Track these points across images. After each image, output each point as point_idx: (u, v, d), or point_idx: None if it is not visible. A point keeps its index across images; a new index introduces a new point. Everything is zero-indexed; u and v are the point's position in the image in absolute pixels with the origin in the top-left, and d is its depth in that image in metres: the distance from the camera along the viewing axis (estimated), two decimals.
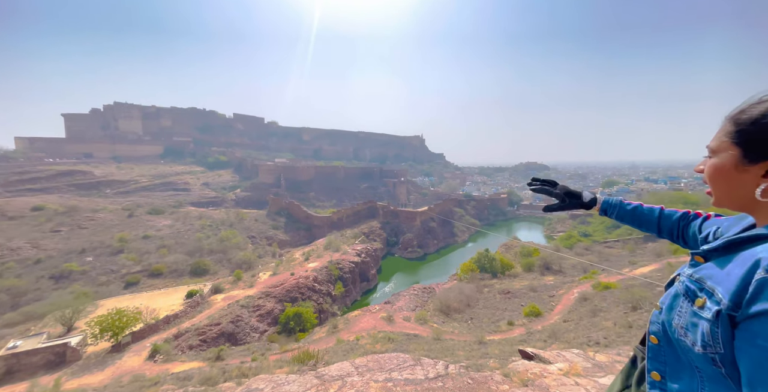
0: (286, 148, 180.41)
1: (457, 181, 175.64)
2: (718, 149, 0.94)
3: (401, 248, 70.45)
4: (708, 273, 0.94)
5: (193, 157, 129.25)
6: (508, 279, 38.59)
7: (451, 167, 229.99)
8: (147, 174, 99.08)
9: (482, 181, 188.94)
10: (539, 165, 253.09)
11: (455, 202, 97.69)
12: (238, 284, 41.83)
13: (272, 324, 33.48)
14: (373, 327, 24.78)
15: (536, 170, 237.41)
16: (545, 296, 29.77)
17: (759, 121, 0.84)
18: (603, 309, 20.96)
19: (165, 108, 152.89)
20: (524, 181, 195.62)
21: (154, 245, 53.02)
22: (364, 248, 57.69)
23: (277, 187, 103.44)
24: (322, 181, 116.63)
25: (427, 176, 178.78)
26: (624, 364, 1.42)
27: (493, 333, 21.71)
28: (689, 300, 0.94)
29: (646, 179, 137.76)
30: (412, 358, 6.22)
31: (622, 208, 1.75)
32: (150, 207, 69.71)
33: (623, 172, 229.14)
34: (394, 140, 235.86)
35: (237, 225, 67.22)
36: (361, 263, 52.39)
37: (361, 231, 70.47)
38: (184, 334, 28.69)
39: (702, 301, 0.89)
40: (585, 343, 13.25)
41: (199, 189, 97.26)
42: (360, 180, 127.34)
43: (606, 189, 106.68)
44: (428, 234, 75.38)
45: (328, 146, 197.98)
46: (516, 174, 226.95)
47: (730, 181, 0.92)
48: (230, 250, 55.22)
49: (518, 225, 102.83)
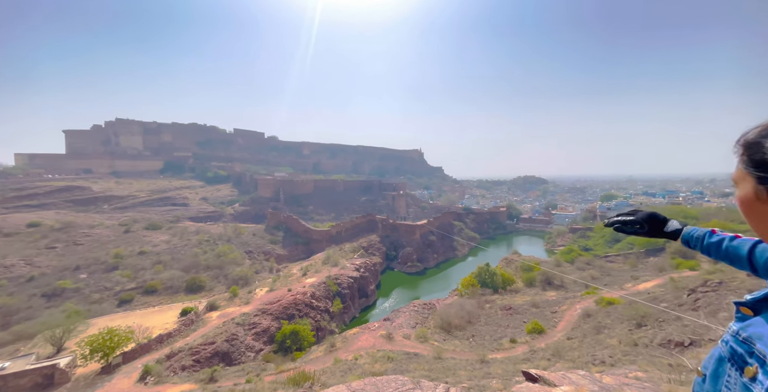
0: (285, 162, 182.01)
1: (456, 194, 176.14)
2: (738, 179, 0.84)
3: (401, 262, 69.56)
4: (757, 332, 0.75)
5: (192, 172, 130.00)
6: (509, 295, 37.95)
7: (449, 180, 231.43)
8: (146, 189, 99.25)
9: (481, 194, 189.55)
10: (537, 178, 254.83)
11: (454, 215, 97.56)
12: (234, 301, 40.93)
13: (268, 343, 32.47)
14: (372, 346, 24.06)
15: (534, 184, 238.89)
16: (548, 312, 29.20)
17: (766, 144, 0.74)
18: (607, 325, 20.52)
19: (166, 123, 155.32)
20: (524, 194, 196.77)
21: (150, 261, 52.26)
22: (363, 263, 56.96)
23: (275, 201, 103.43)
24: (321, 194, 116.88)
25: (426, 189, 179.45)
26: (631, 387, 1.34)
27: (495, 351, 21.09)
28: (737, 368, 0.75)
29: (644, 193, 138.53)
30: (411, 381, 6.03)
31: (706, 241, 1.46)
32: (147, 222, 69.27)
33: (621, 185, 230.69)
34: (393, 154, 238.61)
35: (234, 240, 66.61)
36: (360, 278, 51.55)
37: (360, 245, 69.83)
38: (177, 354, 27.74)
39: (753, 371, 0.70)
40: (590, 362, 12.87)
41: (198, 203, 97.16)
42: (359, 193, 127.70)
43: (605, 202, 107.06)
44: (428, 248, 74.69)
45: (327, 160, 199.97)
46: (514, 187, 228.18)
47: (760, 213, 0.80)
48: (227, 266, 54.42)
49: (518, 238, 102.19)
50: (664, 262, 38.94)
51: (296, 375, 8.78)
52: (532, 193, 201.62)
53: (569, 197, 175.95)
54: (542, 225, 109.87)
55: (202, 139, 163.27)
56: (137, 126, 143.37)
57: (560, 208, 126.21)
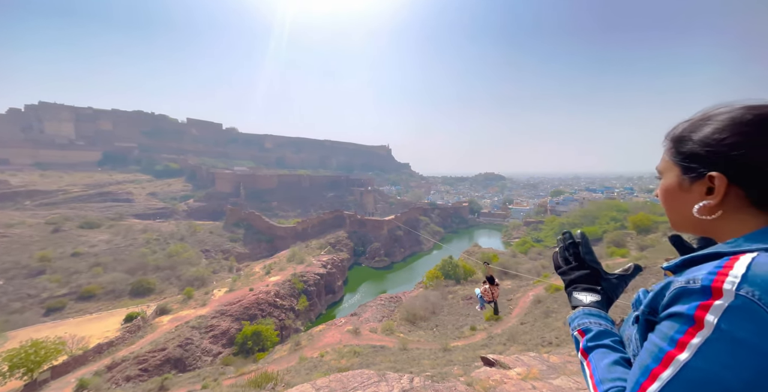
0: (246, 156, 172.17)
1: (423, 190, 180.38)
2: (663, 169, 0.90)
3: (368, 257, 69.85)
4: (655, 287, 0.88)
5: (138, 165, 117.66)
6: (470, 285, 39.93)
7: (416, 177, 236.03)
8: (80, 183, 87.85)
9: (446, 190, 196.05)
10: (496, 175, 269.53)
11: (421, 211, 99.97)
12: (189, 303, 38.18)
13: (228, 346, 30.87)
14: (339, 342, 23.96)
15: (494, 180, 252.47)
16: (504, 300, 31.23)
17: (692, 137, 0.81)
18: (554, 310, 22.50)
19: (104, 110, 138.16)
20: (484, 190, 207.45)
21: (86, 264, 46.63)
22: (330, 259, 56.23)
23: (235, 197, 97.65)
24: (286, 190, 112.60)
25: (393, 185, 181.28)
26: (573, 363, 1.35)
27: (457, 339, 22.15)
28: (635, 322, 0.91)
29: (587, 189, 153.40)
30: (377, 374, 6.09)
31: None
32: (82, 220, 61.55)
33: (568, 182, 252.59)
34: (362, 149, 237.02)
35: (189, 238, 61.88)
36: (327, 275, 50.90)
37: (327, 241, 68.76)
38: (121, 364, 25.25)
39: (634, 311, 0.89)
40: (540, 344, 14.05)
41: (145, 199, 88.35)
42: (327, 189, 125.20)
43: (554, 197, 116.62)
44: (395, 242, 75.84)
45: (292, 154, 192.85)
46: (476, 183, 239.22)
47: (679, 202, 0.86)
48: (180, 266, 50.43)
49: (479, 232, 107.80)
50: (602, 251, 43.54)
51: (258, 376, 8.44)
52: (491, 188, 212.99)
53: (524, 193, 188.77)
54: (500, 219, 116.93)
55: (149, 128, 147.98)
56: (67, 111, 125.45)
57: (516, 203, 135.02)
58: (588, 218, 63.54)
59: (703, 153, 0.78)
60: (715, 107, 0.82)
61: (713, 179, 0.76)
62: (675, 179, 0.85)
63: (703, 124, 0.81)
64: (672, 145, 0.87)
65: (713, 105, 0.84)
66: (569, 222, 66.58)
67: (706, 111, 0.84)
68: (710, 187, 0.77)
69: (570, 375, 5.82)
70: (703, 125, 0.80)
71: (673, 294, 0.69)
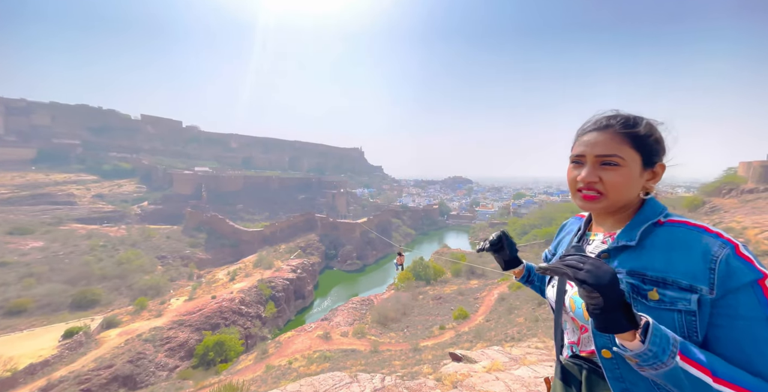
0: (209, 156, 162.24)
1: (395, 193, 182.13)
2: (626, 158, 1.01)
3: (340, 261, 68.95)
4: (638, 265, 0.95)
5: (82, 164, 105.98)
6: (440, 285, 40.99)
7: (389, 179, 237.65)
8: (9, 183, 77.31)
9: (417, 193, 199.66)
10: (464, 179, 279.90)
11: (393, 213, 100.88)
12: (141, 314, 35.02)
13: (186, 358, 28.78)
14: (309, 348, 23.37)
15: (462, 183, 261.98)
16: (471, 299, 32.47)
17: (650, 136, 1.02)
18: (516, 307, 23.83)
19: (41, 102, 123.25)
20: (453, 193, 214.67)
21: (16, 274, 41.02)
22: (300, 263, 54.70)
23: (196, 199, 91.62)
24: (252, 192, 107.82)
25: (366, 188, 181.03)
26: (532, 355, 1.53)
27: (426, 339, 22.61)
28: (637, 298, 0.92)
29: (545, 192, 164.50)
30: (349, 375, 6.11)
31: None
32: (11, 225, 54.21)
33: (528, 185, 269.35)
34: (333, 151, 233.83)
35: (142, 244, 56.95)
36: (297, 279, 49.43)
37: (297, 245, 66.82)
38: (58, 385, 22.51)
39: (655, 294, 0.88)
40: (503, 340, 14.83)
41: (90, 201, 79.95)
42: (297, 191, 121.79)
43: (516, 200, 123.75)
44: (368, 245, 75.67)
45: (260, 155, 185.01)
46: (445, 186, 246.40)
47: (635, 185, 1.02)
48: (131, 275, 46.16)
49: (448, 233, 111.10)
50: None
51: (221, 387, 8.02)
52: (459, 191, 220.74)
53: (489, 196, 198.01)
54: (467, 220, 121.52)
55: (96, 124, 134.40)
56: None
57: (482, 206, 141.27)
58: (546, 219, 68.24)
59: (658, 148, 1.04)
60: (635, 114, 1.07)
61: (660, 167, 1.05)
62: (637, 168, 1.01)
63: (651, 127, 1.03)
64: (636, 140, 1.02)
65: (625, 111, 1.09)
66: (530, 223, 70.92)
67: (637, 116, 1.06)
68: (656, 171, 1.04)
69: (529, 365, 6.27)
70: (652, 127, 1.03)
71: (726, 264, 0.80)
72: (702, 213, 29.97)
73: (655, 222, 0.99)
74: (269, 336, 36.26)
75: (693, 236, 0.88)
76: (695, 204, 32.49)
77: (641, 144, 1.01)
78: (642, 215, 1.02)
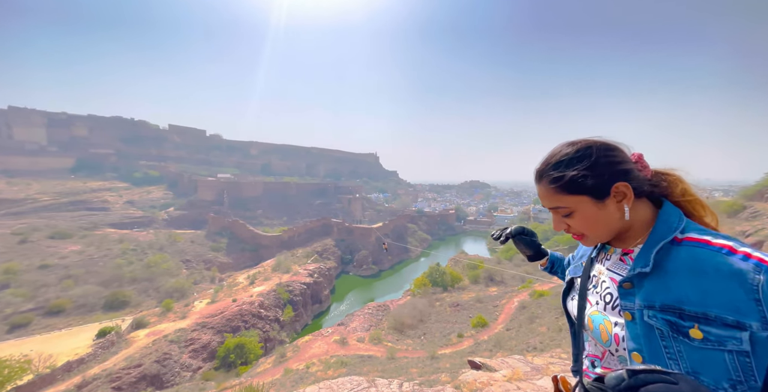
0: (230, 163, 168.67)
1: (410, 198, 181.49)
2: (572, 206, 0.99)
3: (356, 266, 69.22)
4: (671, 297, 0.80)
5: (115, 172, 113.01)
6: (457, 292, 40.23)
7: (404, 184, 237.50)
8: (51, 191, 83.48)
9: (432, 198, 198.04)
10: (481, 183, 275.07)
11: (408, 218, 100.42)
12: (168, 316, 36.53)
13: (209, 360, 29.64)
14: (325, 352, 23.52)
15: (479, 188, 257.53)
16: (490, 306, 31.64)
17: (589, 172, 0.96)
18: (538, 315, 23.00)
19: (80, 115, 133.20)
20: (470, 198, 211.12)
21: (56, 276, 44.02)
22: (317, 268, 55.39)
23: (218, 205, 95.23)
24: (271, 197, 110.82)
25: (381, 193, 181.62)
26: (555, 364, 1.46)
27: (444, 347, 22.20)
28: (677, 337, 0.78)
29: None
30: (367, 380, 6.15)
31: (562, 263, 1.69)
32: (52, 230, 58.33)
33: None
34: (349, 157, 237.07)
35: (168, 248, 59.59)
36: (314, 284, 50.02)
37: (314, 249, 67.77)
38: (92, 383, 23.76)
39: (697, 332, 0.74)
40: (525, 349, 14.35)
41: (122, 208, 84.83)
42: (313, 196, 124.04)
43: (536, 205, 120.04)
44: (383, 250, 75.62)
45: (278, 161, 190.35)
46: (462, 191, 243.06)
47: (604, 219, 0.97)
48: (159, 278, 48.37)
49: (465, 239, 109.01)
50: None
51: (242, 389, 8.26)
52: (476, 196, 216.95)
53: (508, 200, 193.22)
54: (485, 226, 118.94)
55: (128, 135, 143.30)
56: (39, 116, 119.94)
57: (500, 210, 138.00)
58: None
59: (604, 178, 0.95)
60: (558, 149, 1.03)
61: (619, 188, 0.94)
62: (591, 206, 0.96)
63: (589, 160, 0.96)
64: (572, 187, 0.97)
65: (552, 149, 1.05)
66: (551, 228, 68.61)
67: (556, 152, 1.01)
68: (618, 194, 0.95)
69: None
70: (591, 160, 0.96)
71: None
72: (742, 219, 27.96)
73: (671, 240, 0.88)
74: (287, 340, 36.77)
75: (719, 259, 0.76)
76: (735, 209, 30.34)
77: (579, 187, 0.95)
78: (655, 234, 0.93)
